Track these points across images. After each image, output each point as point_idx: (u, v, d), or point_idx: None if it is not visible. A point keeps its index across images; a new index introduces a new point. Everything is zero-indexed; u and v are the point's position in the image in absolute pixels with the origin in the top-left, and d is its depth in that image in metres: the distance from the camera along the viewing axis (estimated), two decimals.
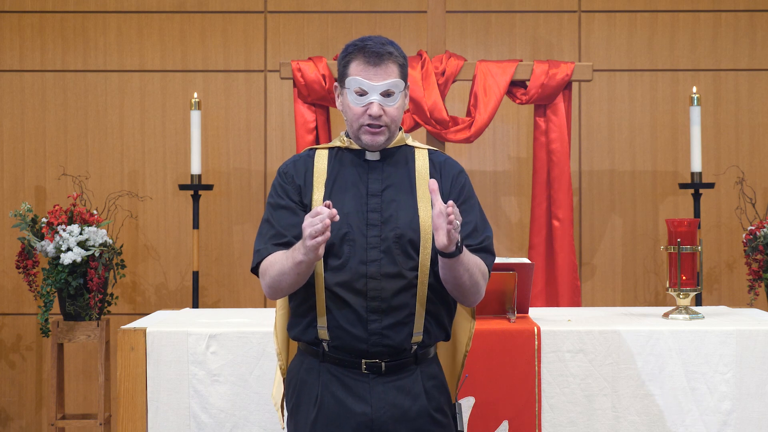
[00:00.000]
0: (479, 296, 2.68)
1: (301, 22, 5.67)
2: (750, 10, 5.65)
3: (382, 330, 2.62)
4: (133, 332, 3.50)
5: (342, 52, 2.71)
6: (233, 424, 3.47)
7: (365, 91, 2.65)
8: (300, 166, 2.75)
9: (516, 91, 5.04)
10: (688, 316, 3.69)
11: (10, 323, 5.61)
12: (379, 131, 2.67)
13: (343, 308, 2.64)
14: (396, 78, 2.66)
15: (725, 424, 3.45)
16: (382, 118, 2.65)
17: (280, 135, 5.63)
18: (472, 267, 2.60)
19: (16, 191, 5.61)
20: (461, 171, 2.78)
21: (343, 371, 2.66)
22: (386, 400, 2.64)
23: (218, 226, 5.62)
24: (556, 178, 5.00)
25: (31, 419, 5.60)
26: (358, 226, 2.64)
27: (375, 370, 2.65)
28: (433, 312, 2.68)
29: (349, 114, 2.69)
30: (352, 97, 2.66)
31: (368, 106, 2.65)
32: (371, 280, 2.62)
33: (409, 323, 2.64)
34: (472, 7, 5.67)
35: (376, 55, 2.64)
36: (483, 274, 2.66)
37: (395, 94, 2.66)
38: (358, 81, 2.64)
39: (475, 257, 2.64)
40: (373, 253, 2.63)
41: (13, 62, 5.65)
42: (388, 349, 2.64)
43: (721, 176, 5.54)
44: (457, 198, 2.71)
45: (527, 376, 3.44)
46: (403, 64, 2.69)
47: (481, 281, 2.65)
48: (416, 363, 2.68)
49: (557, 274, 4.99)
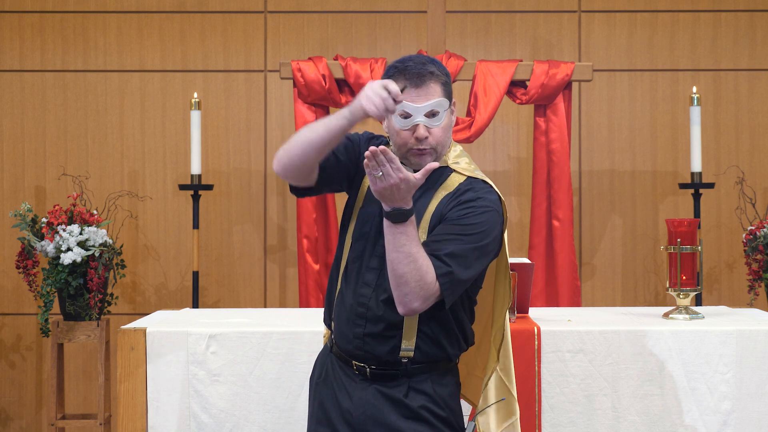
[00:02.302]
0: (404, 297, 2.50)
1: (301, 22, 5.67)
2: (750, 10, 5.65)
3: (364, 336, 2.65)
4: (133, 332, 3.50)
5: (384, 75, 2.68)
6: (233, 424, 3.47)
7: (409, 113, 2.62)
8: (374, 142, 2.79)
9: (516, 91, 5.04)
10: (688, 316, 3.69)
11: (10, 323, 5.61)
12: (426, 153, 2.64)
13: (340, 304, 2.72)
14: (439, 97, 2.63)
15: (725, 424, 3.45)
16: (427, 140, 2.62)
17: (280, 135, 5.63)
18: (405, 253, 2.46)
19: (16, 191, 5.61)
20: (476, 200, 2.61)
21: (342, 366, 2.72)
22: (366, 400, 2.66)
23: (218, 226, 5.62)
24: (556, 178, 5.01)
25: (31, 419, 5.60)
26: (375, 231, 2.66)
27: (362, 373, 2.68)
28: (427, 332, 2.64)
29: (395, 138, 2.66)
30: (396, 120, 2.64)
31: (414, 129, 2.62)
32: (365, 286, 2.65)
33: (393, 337, 2.63)
34: (472, 7, 5.67)
35: (417, 75, 2.62)
36: (417, 279, 2.48)
37: (440, 114, 2.63)
38: (402, 104, 2.61)
39: (422, 254, 2.49)
40: (374, 262, 2.65)
41: (13, 62, 5.65)
42: (372, 357, 2.66)
43: (721, 176, 5.54)
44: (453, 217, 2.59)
45: (527, 376, 3.44)
46: (445, 81, 2.66)
47: (411, 281, 2.48)
48: (407, 376, 2.66)
49: (557, 274, 4.99)
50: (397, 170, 2.41)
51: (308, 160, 2.61)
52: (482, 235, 2.59)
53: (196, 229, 5.14)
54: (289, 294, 5.59)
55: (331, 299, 2.79)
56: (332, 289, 2.78)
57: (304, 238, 4.99)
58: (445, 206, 2.64)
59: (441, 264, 2.51)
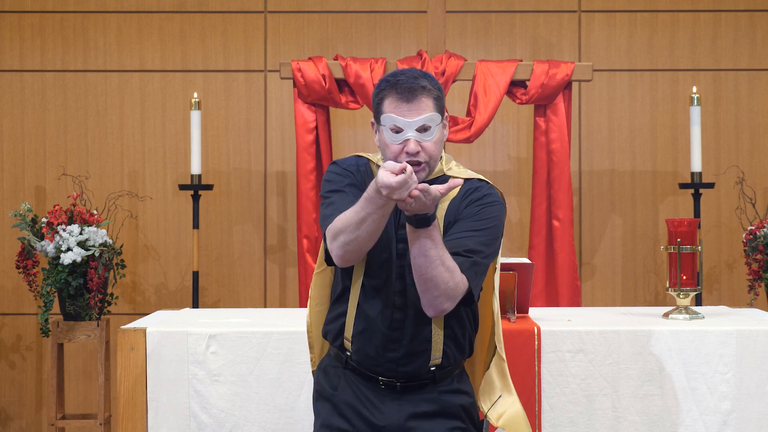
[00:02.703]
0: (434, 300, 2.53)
1: (301, 22, 5.67)
2: (750, 10, 5.65)
3: (399, 360, 2.64)
4: (133, 332, 3.50)
5: (375, 89, 2.66)
6: (233, 424, 3.47)
7: (400, 128, 2.60)
8: (363, 167, 2.73)
9: (516, 91, 5.04)
10: (688, 316, 3.69)
11: (10, 323, 5.61)
12: (419, 168, 2.61)
13: (368, 330, 2.66)
14: (431, 112, 2.61)
15: (725, 424, 3.45)
16: (420, 154, 2.60)
17: (280, 135, 5.63)
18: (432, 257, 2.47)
19: (16, 191, 5.61)
20: (486, 197, 2.67)
21: (362, 381, 2.69)
22: (400, 410, 2.66)
23: (218, 226, 5.62)
24: (556, 178, 5.00)
25: (31, 419, 5.60)
26: (387, 256, 2.64)
27: (391, 387, 2.67)
28: (451, 335, 2.67)
29: (386, 152, 2.64)
30: (388, 134, 2.61)
31: (405, 144, 2.60)
32: (398, 311, 2.63)
33: (426, 350, 2.64)
34: (472, 7, 5.67)
35: (408, 90, 2.59)
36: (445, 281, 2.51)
37: (432, 129, 2.61)
38: (392, 118, 2.59)
39: (448, 254, 2.51)
40: (399, 284, 2.63)
41: (13, 62, 5.65)
42: (404, 374, 2.66)
43: (721, 176, 5.54)
44: (468, 215, 2.63)
45: (527, 376, 3.44)
46: (438, 96, 2.63)
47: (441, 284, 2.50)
48: (435, 383, 2.68)
49: (557, 274, 4.99)
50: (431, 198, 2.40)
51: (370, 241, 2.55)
52: (495, 224, 2.65)
53: (196, 229, 5.14)
54: (289, 294, 5.59)
55: (341, 320, 2.72)
56: (342, 311, 2.72)
57: (304, 238, 4.99)
58: (457, 206, 2.65)
59: (465, 260, 2.55)
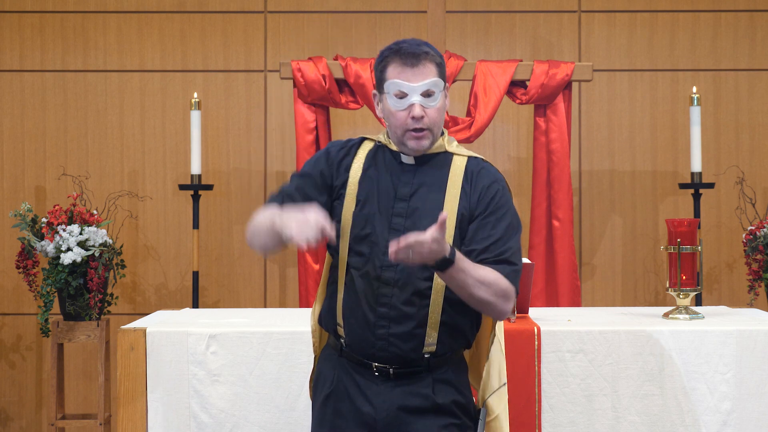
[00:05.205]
0: (493, 312, 2.59)
1: (301, 22, 5.67)
2: (750, 10, 5.65)
3: (389, 337, 2.61)
4: (133, 332, 3.50)
5: (378, 58, 2.67)
6: (233, 424, 3.47)
7: (405, 93, 2.60)
8: (345, 150, 2.74)
9: (516, 91, 5.04)
10: (688, 316, 3.69)
11: (10, 323, 5.62)
12: (423, 135, 2.62)
13: (356, 309, 2.65)
14: (435, 77, 2.62)
15: (725, 424, 3.45)
16: (424, 120, 2.61)
17: (280, 135, 5.63)
18: (470, 284, 2.50)
19: (16, 191, 5.61)
20: (495, 181, 2.71)
21: (358, 369, 2.67)
22: (391, 401, 2.64)
23: (218, 226, 5.62)
24: (556, 178, 5.01)
25: (31, 419, 5.60)
26: (380, 229, 2.63)
27: (384, 374, 2.65)
28: (450, 323, 2.64)
29: (392, 120, 2.64)
30: (392, 101, 2.62)
31: (410, 109, 2.60)
32: (384, 285, 2.61)
33: (418, 334, 2.62)
34: (472, 7, 5.67)
35: (412, 55, 2.60)
36: (494, 293, 2.54)
37: (435, 94, 2.62)
38: (397, 84, 2.60)
39: (482, 272, 2.54)
40: (386, 258, 2.59)
41: (13, 62, 5.65)
42: (396, 357, 2.63)
43: (721, 176, 5.54)
44: (484, 210, 2.65)
45: (527, 376, 3.44)
46: (440, 63, 2.65)
47: (491, 298, 2.54)
48: (429, 371, 2.65)
49: (557, 274, 4.99)
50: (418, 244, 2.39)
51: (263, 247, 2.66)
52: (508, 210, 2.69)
53: (196, 229, 5.14)
54: (289, 294, 5.59)
55: (332, 304, 2.72)
56: (333, 294, 2.72)
57: None
58: (467, 201, 2.65)
59: (505, 265, 2.59)
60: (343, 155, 2.72)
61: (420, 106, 2.60)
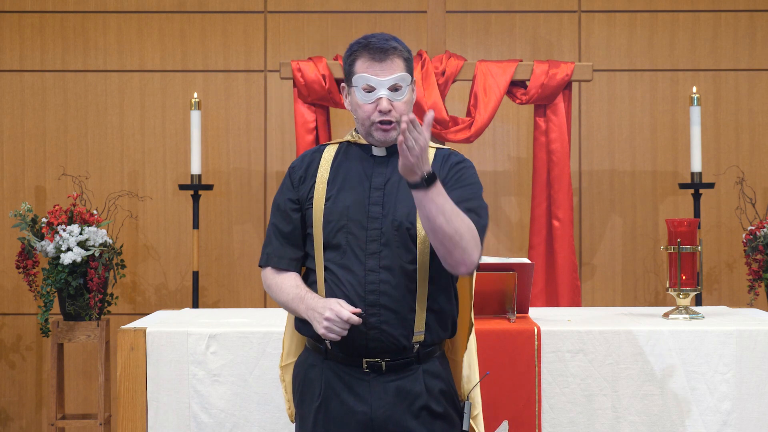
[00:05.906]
0: (465, 253, 2.53)
1: (301, 22, 5.67)
2: (750, 10, 5.65)
3: (380, 325, 2.62)
4: (133, 332, 3.50)
5: (347, 52, 2.72)
6: (233, 424, 3.47)
7: (372, 87, 2.66)
8: (307, 159, 2.80)
9: (516, 91, 5.04)
10: (688, 316, 3.69)
11: (10, 323, 5.62)
12: (390, 127, 2.68)
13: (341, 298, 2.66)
14: (402, 72, 2.67)
15: (725, 424, 3.45)
16: (391, 113, 2.66)
17: (280, 135, 5.63)
18: (449, 211, 2.48)
19: (16, 191, 5.61)
20: (463, 161, 2.74)
21: (346, 369, 2.67)
22: (385, 399, 2.65)
23: (218, 226, 5.62)
24: (556, 178, 5.01)
25: (31, 419, 5.60)
26: (358, 219, 2.66)
27: (376, 369, 2.65)
28: (436, 309, 2.67)
29: (359, 112, 2.70)
30: (360, 94, 2.68)
31: (377, 102, 2.66)
32: (370, 272, 2.63)
33: (409, 319, 2.64)
34: (472, 7, 5.67)
35: (380, 50, 2.66)
36: (468, 227, 2.53)
37: (402, 89, 2.68)
38: (365, 78, 2.66)
39: (457, 209, 2.53)
40: (373, 246, 2.64)
41: (13, 62, 5.65)
42: (388, 346, 2.64)
43: (721, 176, 5.54)
44: (455, 180, 2.68)
45: (527, 376, 3.44)
46: (408, 58, 2.71)
47: (465, 232, 2.51)
48: (419, 362, 2.67)
49: (557, 274, 4.99)
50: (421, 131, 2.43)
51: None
52: (479, 185, 2.72)
53: (196, 229, 5.14)
54: None
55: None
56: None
57: None
58: (439, 170, 2.69)
59: (477, 218, 2.61)
60: (305, 167, 2.77)
61: (387, 99, 2.66)
